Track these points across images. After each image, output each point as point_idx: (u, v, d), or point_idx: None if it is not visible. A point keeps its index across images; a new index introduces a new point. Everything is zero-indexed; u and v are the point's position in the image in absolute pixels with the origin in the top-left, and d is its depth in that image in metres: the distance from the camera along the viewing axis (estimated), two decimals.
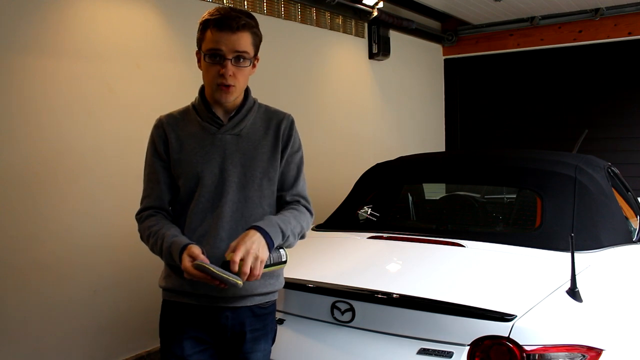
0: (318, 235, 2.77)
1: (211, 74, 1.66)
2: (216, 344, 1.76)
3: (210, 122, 1.73)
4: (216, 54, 1.63)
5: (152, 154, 1.75)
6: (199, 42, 1.70)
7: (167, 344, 1.75)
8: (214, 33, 1.63)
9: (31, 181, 2.93)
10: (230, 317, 1.71)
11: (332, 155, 5.12)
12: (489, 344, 1.75)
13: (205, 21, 1.67)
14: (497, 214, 3.18)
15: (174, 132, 1.73)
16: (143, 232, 1.72)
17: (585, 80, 6.23)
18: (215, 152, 1.70)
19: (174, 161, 1.72)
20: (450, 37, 6.86)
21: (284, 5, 4.53)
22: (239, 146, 1.72)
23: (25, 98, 2.91)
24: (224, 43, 1.62)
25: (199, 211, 1.70)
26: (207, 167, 1.69)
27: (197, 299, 1.70)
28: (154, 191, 1.74)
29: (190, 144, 1.72)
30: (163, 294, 1.79)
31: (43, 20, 2.97)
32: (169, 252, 1.61)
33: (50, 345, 3.03)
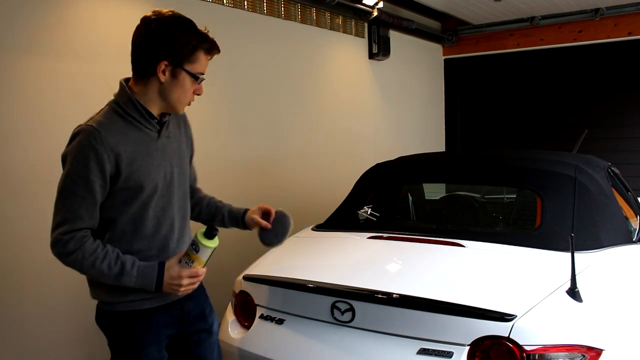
0: (318, 235, 2.77)
1: (189, 92, 1.71)
2: (177, 333, 1.83)
3: (152, 127, 1.72)
4: (202, 76, 1.71)
5: (92, 172, 1.57)
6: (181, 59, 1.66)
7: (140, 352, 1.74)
8: (207, 57, 1.71)
9: (31, 181, 2.93)
10: (191, 304, 1.83)
11: (332, 155, 5.12)
12: (489, 344, 1.75)
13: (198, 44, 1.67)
14: (497, 214, 3.18)
15: (121, 146, 1.62)
16: (85, 256, 1.59)
17: (585, 80, 6.24)
18: (160, 156, 1.73)
19: (126, 175, 1.63)
20: (450, 37, 6.86)
21: (284, 5, 4.53)
22: (172, 147, 1.78)
23: (25, 98, 2.91)
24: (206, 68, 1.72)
25: (152, 217, 1.71)
26: (158, 174, 1.72)
27: (163, 299, 1.74)
28: (88, 213, 1.61)
29: (139, 153, 1.66)
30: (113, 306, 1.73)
31: (43, 20, 2.98)
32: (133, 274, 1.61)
33: (49, 345, 3.03)
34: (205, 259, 1.62)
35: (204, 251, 1.60)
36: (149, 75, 1.67)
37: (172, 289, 1.64)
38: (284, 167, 4.47)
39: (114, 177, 1.62)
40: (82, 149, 1.59)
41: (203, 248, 1.59)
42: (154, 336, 1.74)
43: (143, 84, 1.69)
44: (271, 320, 2.22)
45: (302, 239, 2.73)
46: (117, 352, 1.79)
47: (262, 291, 2.26)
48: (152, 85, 1.69)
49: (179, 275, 1.62)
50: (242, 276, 2.37)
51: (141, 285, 1.63)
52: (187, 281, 1.62)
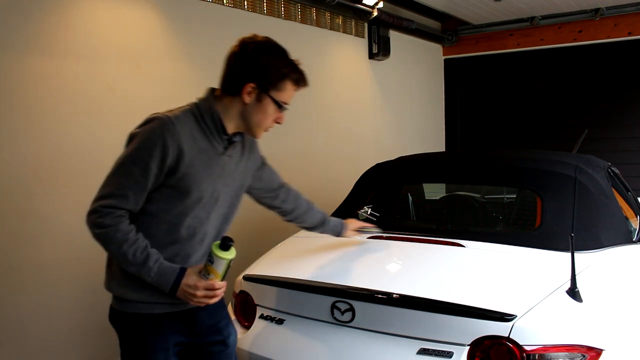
0: (318, 235, 2.77)
1: (269, 119, 1.74)
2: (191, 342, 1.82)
3: (221, 142, 1.73)
4: (286, 106, 1.74)
5: (154, 160, 1.59)
6: (269, 86, 1.69)
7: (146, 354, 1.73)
8: (295, 89, 1.74)
9: (31, 181, 2.93)
10: (204, 314, 1.81)
11: (332, 155, 5.12)
12: (489, 344, 1.75)
13: (293, 75, 1.72)
14: (497, 214, 3.18)
15: (187, 144, 1.63)
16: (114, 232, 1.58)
17: (585, 80, 6.24)
18: (217, 172, 1.74)
19: (182, 174, 1.63)
20: (450, 37, 6.86)
21: (284, 5, 4.53)
22: (230, 167, 1.79)
23: (25, 98, 2.91)
24: (291, 98, 1.77)
25: (188, 225, 1.70)
26: (210, 186, 1.72)
27: (175, 306, 1.72)
28: (135, 196, 1.61)
29: (200, 161, 1.67)
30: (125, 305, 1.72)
31: (43, 21, 2.97)
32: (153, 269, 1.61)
33: (49, 345, 3.03)
34: (221, 272, 1.59)
35: (219, 263, 1.57)
36: (234, 93, 1.70)
37: (186, 296, 1.62)
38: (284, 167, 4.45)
39: (170, 171, 1.62)
40: (152, 134, 1.61)
41: (217, 260, 1.57)
42: (162, 342, 1.73)
43: (228, 100, 1.72)
44: (271, 320, 2.22)
45: (302, 239, 2.73)
46: (126, 353, 1.79)
47: (262, 291, 2.26)
48: (235, 104, 1.71)
49: (195, 285, 1.60)
50: (242, 276, 2.37)
51: (157, 283, 1.62)
52: (201, 292, 1.60)
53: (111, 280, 1.75)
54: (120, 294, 1.72)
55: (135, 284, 1.67)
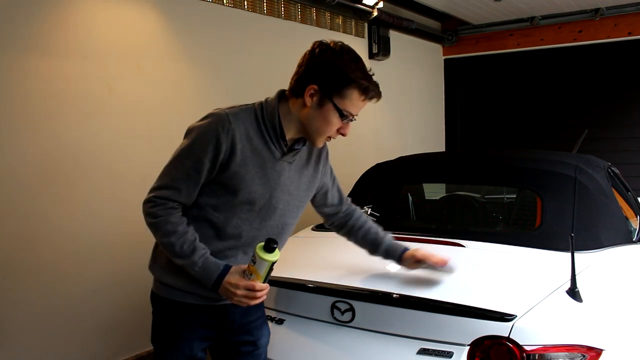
0: (318, 235, 2.78)
1: (332, 128, 1.67)
2: (221, 337, 1.80)
3: (278, 147, 1.68)
4: (350, 116, 1.67)
5: (207, 155, 1.58)
6: (331, 90, 1.62)
7: (173, 343, 1.74)
8: (361, 99, 1.65)
9: (31, 181, 2.93)
10: (237, 312, 1.77)
11: (332, 155, 5.08)
12: (489, 344, 1.75)
13: (361, 83, 1.64)
14: (497, 214, 3.18)
15: (241, 143, 1.60)
16: (164, 223, 1.60)
17: (585, 80, 6.24)
18: (272, 177, 1.69)
19: (232, 172, 1.62)
20: (450, 37, 6.86)
21: (284, 5, 4.53)
22: (289, 174, 1.74)
23: (25, 98, 2.91)
24: (360, 108, 1.67)
25: (235, 226, 1.68)
26: (261, 189, 1.67)
27: (207, 300, 1.71)
28: (188, 189, 1.62)
29: (253, 162, 1.64)
30: (162, 288, 1.73)
31: (43, 21, 2.98)
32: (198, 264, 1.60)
33: (49, 345, 3.03)
34: (262, 273, 1.57)
35: (261, 264, 1.55)
36: (298, 95, 1.66)
37: (227, 294, 1.61)
38: None
39: (222, 168, 1.61)
40: (207, 130, 1.60)
41: (260, 261, 1.55)
42: (188, 332, 1.73)
43: (292, 102, 1.69)
44: (271, 320, 2.22)
45: (302, 239, 2.73)
46: (154, 334, 1.79)
47: None
48: (298, 107, 1.67)
49: (236, 284, 1.58)
50: None
51: (200, 277, 1.61)
52: (242, 292, 1.58)
53: (154, 263, 1.76)
54: (159, 277, 1.74)
55: (174, 270, 1.67)
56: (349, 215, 2.06)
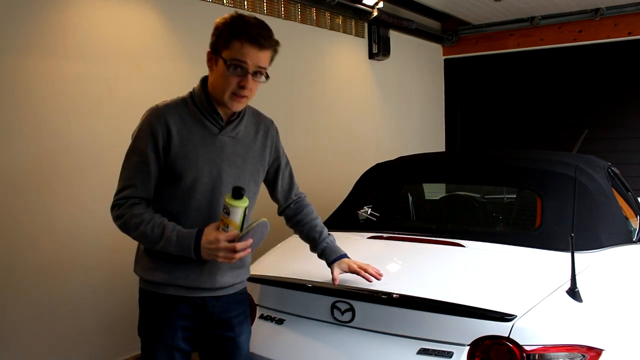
0: None
1: (230, 83, 1.68)
2: (201, 330, 1.84)
3: (213, 121, 1.75)
4: (239, 65, 1.66)
5: (148, 145, 1.69)
6: (219, 47, 1.68)
7: (155, 333, 1.79)
8: (243, 46, 1.65)
9: (31, 181, 2.93)
10: (216, 306, 1.82)
11: (332, 155, 5.12)
12: (489, 344, 1.75)
13: (236, 31, 1.65)
14: (497, 214, 3.18)
15: (176, 126, 1.71)
16: (128, 218, 1.68)
17: (585, 80, 6.24)
18: (215, 152, 1.75)
19: (174, 155, 1.70)
20: (450, 37, 6.86)
21: (284, 5, 4.53)
22: (235, 148, 1.79)
23: (25, 98, 2.91)
24: (250, 57, 1.66)
25: (195, 208, 1.74)
26: (207, 166, 1.74)
27: (188, 290, 1.76)
28: (142, 183, 1.71)
29: (192, 141, 1.72)
30: (144, 284, 1.80)
31: (43, 21, 2.98)
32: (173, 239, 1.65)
33: (49, 345, 3.03)
34: (238, 221, 1.60)
35: (235, 212, 1.58)
36: (209, 68, 1.74)
37: (211, 255, 1.64)
38: None
39: (165, 154, 1.70)
40: (142, 125, 1.73)
41: (232, 209, 1.58)
42: (169, 323, 1.77)
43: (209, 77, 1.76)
44: (271, 320, 2.22)
45: None
46: (140, 328, 1.85)
47: (262, 291, 2.26)
48: (210, 79, 1.75)
49: (215, 239, 1.61)
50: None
51: (181, 251, 1.65)
52: (224, 244, 1.61)
53: (137, 265, 1.84)
54: (142, 276, 1.81)
55: (154, 268, 1.76)
56: (299, 209, 2.07)
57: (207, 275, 1.77)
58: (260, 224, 1.62)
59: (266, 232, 1.67)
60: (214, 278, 1.78)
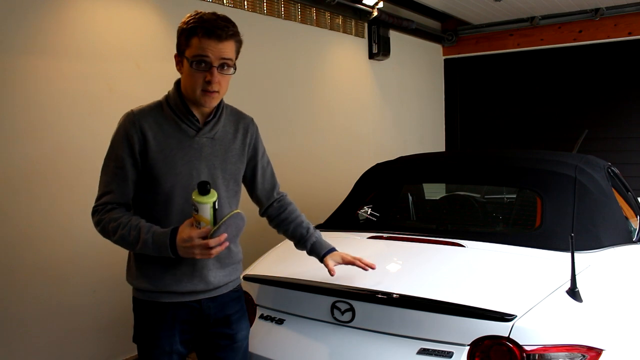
0: None
1: (196, 80, 1.69)
2: (199, 332, 1.83)
3: (189, 124, 1.75)
4: (202, 60, 1.67)
5: (124, 150, 1.70)
6: (182, 48, 1.70)
7: (152, 341, 1.77)
8: (201, 41, 1.65)
9: (31, 181, 2.93)
10: (213, 306, 1.82)
11: (332, 155, 5.12)
12: (489, 344, 1.75)
13: (192, 28, 1.67)
14: (497, 214, 3.18)
15: (151, 131, 1.70)
16: (106, 224, 1.68)
17: (585, 80, 6.24)
18: (192, 154, 1.75)
19: (152, 160, 1.70)
20: (450, 37, 6.86)
21: (284, 5, 4.53)
22: (213, 149, 1.79)
23: (25, 98, 2.91)
24: (211, 51, 1.66)
25: (178, 211, 1.73)
26: (185, 169, 1.73)
27: (182, 296, 1.76)
28: (119, 188, 1.71)
29: (169, 145, 1.72)
30: (137, 293, 1.79)
31: (43, 21, 2.98)
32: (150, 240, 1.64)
33: (49, 345, 3.03)
34: (208, 217, 1.58)
35: (203, 209, 1.57)
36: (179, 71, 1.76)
37: (187, 252, 1.63)
38: (284, 166, 4.47)
39: (143, 159, 1.70)
40: (117, 130, 1.74)
41: (200, 205, 1.57)
42: (167, 330, 1.76)
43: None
44: (271, 320, 2.22)
45: None
46: (135, 335, 1.84)
47: (262, 291, 2.26)
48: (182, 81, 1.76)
49: (189, 237, 1.60)
50: (242, 276, 2.36)
51: (158, 251, 1.65)
52: (198, 242, 1.59)
53: (128, 274, 1.83)
54: (134, 285, 1.80)
55: (144, 275, 1.75)
56: (283, 207, 2.05)
57: (199, 277, 1.76)
58: (232, 216, 1.60)
59: (242, 224, 1.64)
60: (206, 279, 1.77)
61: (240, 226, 1.64)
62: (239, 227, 1.64)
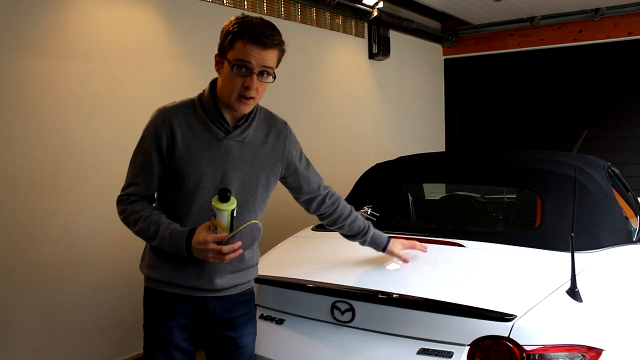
0: (318, 235, 2.77)
1: (235, 84, 1.67)
2: (203, 330, 1.84)
3: (219, 126, 1.74)
4: (244, 65, 1.65)
5: (152, 146, 1.71)
6: (225, 49, 1.68)
7: (155, 329, 1.79)
8: (246, 46, 1.64)
9: (31, 181, 2.93)
10: (218, 306, 1.81)
11: (332, 156, 5.12)
12: (489, 344, 1.75)
13: (239, 32, 1.65)
14: (497, 214, 3.18)
15: (180, 129, 1.71)
16: (129, 215, 1.72)
17: (585, 80, 6.24)
18: (220, 157, 1.74)
19: (178, 158, 1.71)
20: (450, 37, 6.86)
21: (284, 5, 4.53)
22: (242, 153, 1.77)
23: (25, 98, 2.91)
24: (254, 57, 1.65)
25: (197, 212, 1.73)
26: (210, 170, 1.73)
27: (188, 290, 1.77)
28: (145, 181, 1.74)
29: (197, 145, 1.72)
30: (147, 281, 1.82)
31: (43, 21, 2.98)
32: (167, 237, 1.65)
33: (49, 345, 3.03)
34: (225, 224, 1.59)
35: (221, 215, 1.58)
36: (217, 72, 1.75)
37: (201, 254, 1.63)
38: None
39: (169, 156, 1.71)
40: (148, 126, 1.75)
41: (219, 212, 1.58)
42: (169, 320, 1.77)
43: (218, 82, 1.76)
44: (271, 320, 2.22)
45: (302, 239, 2.73)
46: (144, 324, 1.86)
47: (262, 291, 2.26)
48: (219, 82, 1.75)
49: (204, 240, 1.61)
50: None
51: (174, 249, 1.66)
52: (212, 246, 1.60)
53: (142, 262, 1.87)
54: (145, 273, 1.83)
55: (156, 265, 1.78)
56: (336, 203, 2.06)
57: (206, 277, 1.76)
58: (248, 226, 1.61)
59: (258, 234, 1.65)
60: (212, 280, 1.77)
61: (256, 236, 1.65)
62: (254, 237, 1.65)
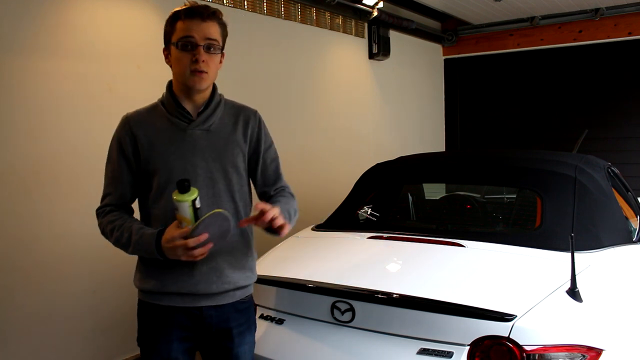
0: (318, 235, 2.78)
1: (183, 62, 1.70)
2: (200, 340, 1.80)
3: (180, 117, 1.74)
4: (188, 42, 1.68)
5: (117, 153, 1.75)
6: (168, 36, 1.74)
7: (152, 345, 1.76)
8: (185, 21, 1.69)
9: (31, 181, 2.93)
10: (215, 316, 1.75)
11: (332, 156, 5.12)
12: (489, 344, 1.75)
13: (175, 14, 1.72)
14: (497, 214, 3.18)
15: (142, 130, 1.73)
16: (105, 226, 1.73)
17: (585, 80, 6.24)
18: (186, 147, 1.72)
19: (145, 158, 1.71)
20: (450, 37, 6.86)
21: (284, 5, 4.53)
22: (209, 141, 1.74)
23: (25, 98, 2.91)
24: (195, 30, 1.69)
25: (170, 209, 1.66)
26: (179, 163, 1.70)
27: (182, 299, 1.71)
28: (117, 190, 1.75)
29: (160, 140, 1.72)
30: (141, 294, 1.79)
31: (43, 21, 2.98)
32: (139, 242, 1.64)
33: (50, 345, 3.03)
34: (188, 216, 1.52)
35: (182, 207, 1.52)
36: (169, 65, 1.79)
37: (172, 253, 1.58)
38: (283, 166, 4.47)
39: (135, 158, 1.73)
40: (113, 134, 1.80)
41: (179, 204, 1.52)
42: (165, 334, 1.73)
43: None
44: (271, 320, 2.22)
45: (302, 239, 2.73)
46: (138, 337, 1.84)
47: (262, 291, 2.26)
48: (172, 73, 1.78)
49: (171, 237, 1.57)
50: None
51: (147, 252, 1.64)
52: (179, 242, 1.54)
53: (135, 277, 1.84)
54: (138, 286, 1.81)
55: (147, 277, 1.75)
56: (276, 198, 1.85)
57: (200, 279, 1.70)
58: (212, 215, 1.50)
59: (227, 224, 1.54)
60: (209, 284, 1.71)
61: (226, 227, 1.55)
62: (223, 228, 1.55)
